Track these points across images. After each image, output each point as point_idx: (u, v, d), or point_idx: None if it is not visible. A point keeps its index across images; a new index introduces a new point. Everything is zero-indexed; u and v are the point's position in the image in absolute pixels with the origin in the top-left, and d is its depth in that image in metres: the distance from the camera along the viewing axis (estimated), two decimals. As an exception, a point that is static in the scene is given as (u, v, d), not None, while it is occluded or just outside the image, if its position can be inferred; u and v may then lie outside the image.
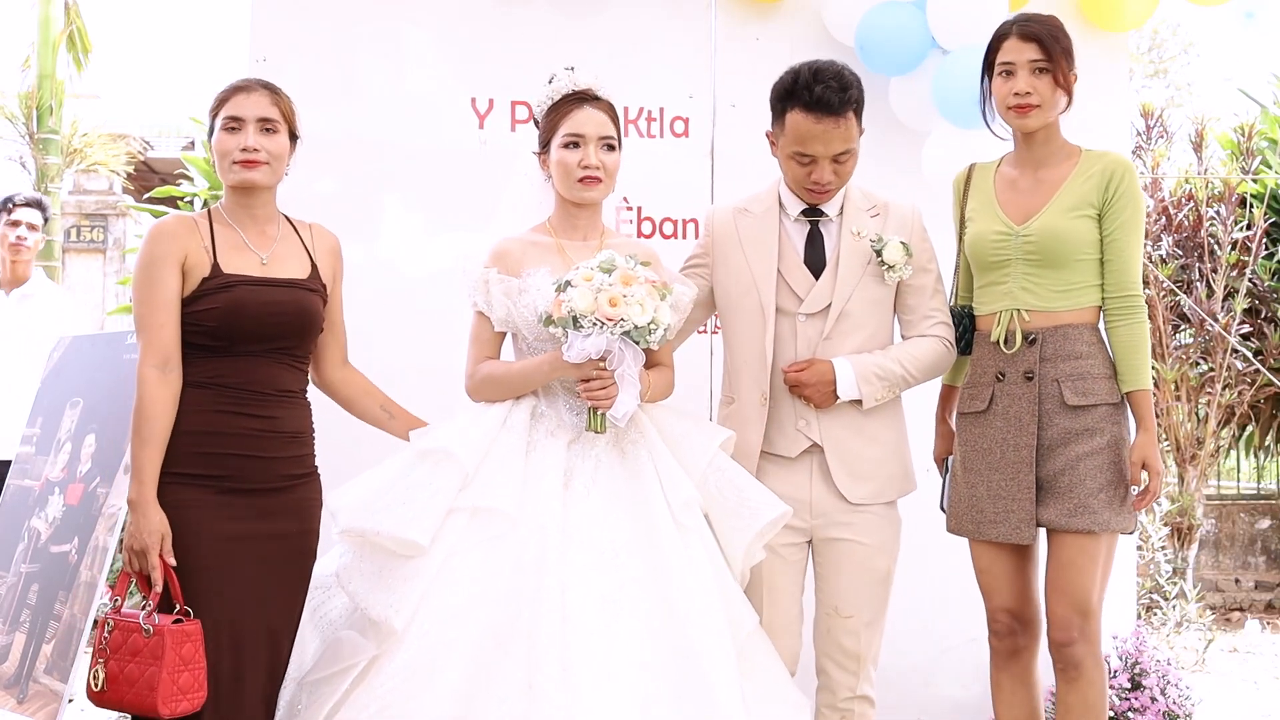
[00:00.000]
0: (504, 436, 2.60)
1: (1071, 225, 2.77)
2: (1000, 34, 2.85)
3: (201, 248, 2.59)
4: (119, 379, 3.66)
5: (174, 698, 2.40)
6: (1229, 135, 7.39)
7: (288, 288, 2.63)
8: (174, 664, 2.39)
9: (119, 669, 2.44)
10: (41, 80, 9.08)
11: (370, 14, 3.76)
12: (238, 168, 2.61)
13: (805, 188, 2.80)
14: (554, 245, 2.73)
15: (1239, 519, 7.64)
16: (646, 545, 2.51)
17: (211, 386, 2.56)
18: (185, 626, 2.43)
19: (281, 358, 2.63)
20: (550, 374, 2.62)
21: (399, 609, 2.42)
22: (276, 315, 2.59)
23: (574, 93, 2.73)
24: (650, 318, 2.52)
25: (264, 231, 2.68)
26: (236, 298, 2.56)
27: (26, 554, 3.57)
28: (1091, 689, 2.76)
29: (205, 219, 2.68)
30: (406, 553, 2.48)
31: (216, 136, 2.65)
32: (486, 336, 2.73)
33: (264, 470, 2.58)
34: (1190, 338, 6.80)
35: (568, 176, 2.69)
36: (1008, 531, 2.79)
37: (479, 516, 2.50)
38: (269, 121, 2.64)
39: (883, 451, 2.83)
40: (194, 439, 2.54)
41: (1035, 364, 2.78)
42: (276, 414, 2.61)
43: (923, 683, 3.86)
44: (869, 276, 2.81)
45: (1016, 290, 2.82)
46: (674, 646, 2.41)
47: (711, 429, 2.75)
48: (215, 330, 2.55)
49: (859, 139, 2.78)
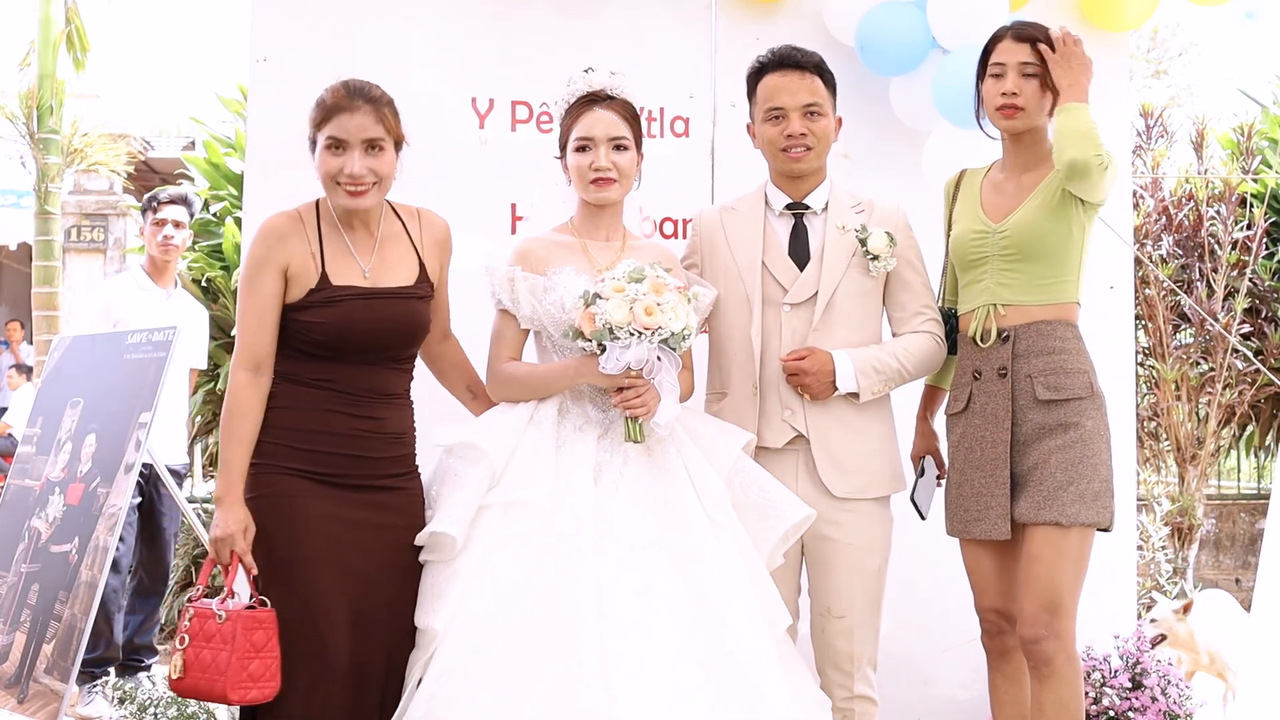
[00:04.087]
0: (532, 432, 2.61)
1: (1044, 219, 2.79)
2: (996, 36, 2.89)
3: (308, 254, 2.58)
4: (119, 379, 3.67)
5: (243, 684, 2.40)
6: (1229, 135, 7.38)
7: (395, 299, 2.62)
8: (245, 650, 2.40)
9: (195, 655, 2.46)
10: (42, 80, 9.07)
11: (370, 14, 3.76)
12: (343, 193, 2.58)
13: (781, 149, 2.84)
14: (578, 245, 2.75)
15: (1239, 519, 7.64)
16: (678, 539, 2.52)
17: (318, 387, 2.58)
18: (258, 613, 2.45)
19: (388, 364, 2.64)
20: (576, 380, 2.63)
21: (438, 610, 2.44)
22: (384, 330, 2.60)
23: (586, 95, 2.76)
24: (684, 323, 2.54)
25: (371, 232, 2.66)
26: (344, 314, 2.55)
27: (27, 554, 3.57)
28: (1065, 686, 2.74)
29: (313, 216, 2.63)
30: (440, 552, 2.50)
31: (319, 155, 2.59)
32: (510, 336, 2.74)
33: (368, 469, 2.60)
34: (1190, 338, 6.80)
35: (581, 179, 2.73)
36: (986, 528, 2.81)
37: (512, 511, 2.52)
38: (375, 141, 2.58)
39: (869, 446, 2.84)
40: (301, 435, 2.56)
41: (1009, 360, 2.80)
42: (381, 415, 2.62)
43: (923, 683, 3.86)
44: (854, 268, 2.84)
45: (993, 286, 2.85)
46: (713, 640, 2.42)
47: (734, 431, 2.76)
48: (323, 343, 2.56)
49: (831, 105, 2.88)
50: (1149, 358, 6.72)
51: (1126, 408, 4.02)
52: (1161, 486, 6.84)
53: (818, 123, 2.84)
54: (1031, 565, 2.75)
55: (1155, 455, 6.93)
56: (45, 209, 9.20)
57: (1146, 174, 6.81)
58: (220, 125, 6.93)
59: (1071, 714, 2.75)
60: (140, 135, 13.07)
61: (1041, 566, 2.73)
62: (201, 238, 6.34)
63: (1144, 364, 6.73)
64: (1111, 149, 2.76)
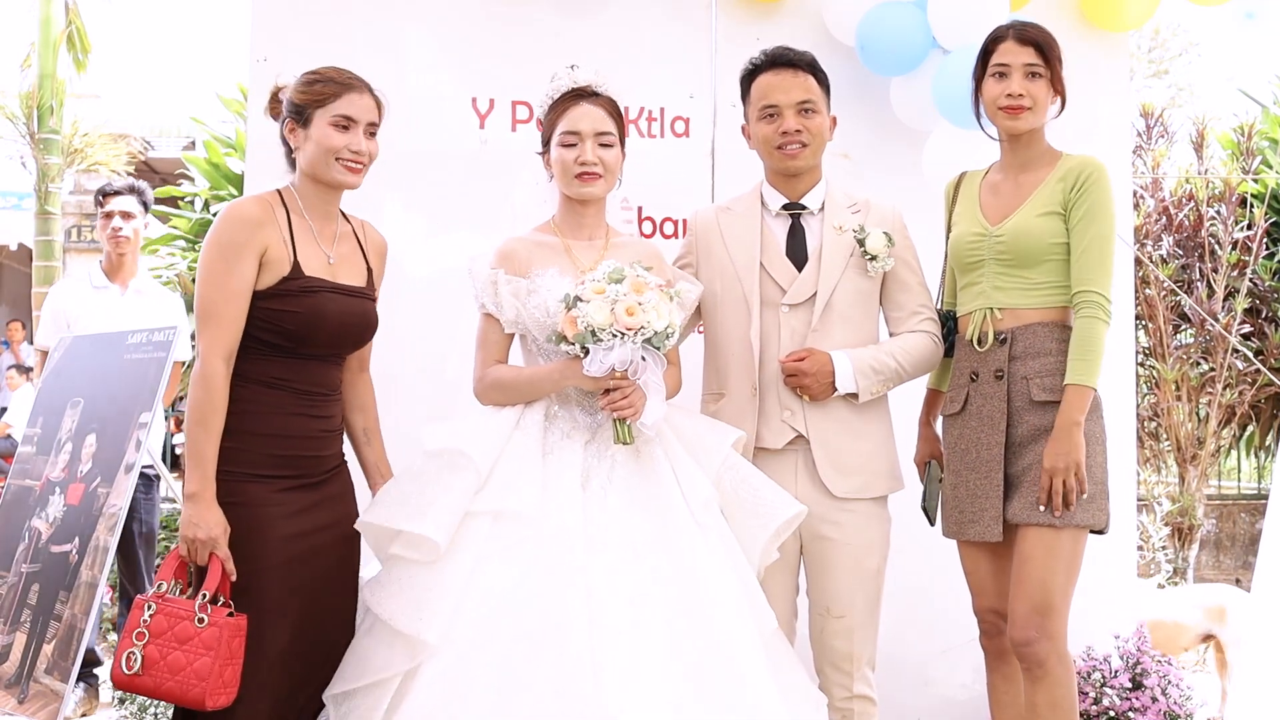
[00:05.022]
0: (519, 437, 2.59)
1: (1039, 224, 2.80)
2: (995, 37, 2.88)
3: (280, 240, 2.56)
4: (119, 379, 3.66)
5: (219, 690, 2.40)
6: (1229, 135, 7.38)
7: (355, 297, 2.65)
8: (225, 656, 2.39)
9: (160, 654, 2.41)
10: (42, 80, 9.08)
11: (370, 14, 3.76)
12: (340, 167, 2.61)
13: (776, 146, 2.85)
14: (560, 245, 2.73)
15: (1239, 519, 7.64)
16: (666, 544, 2.51)
17: (282, 388, 2.57)
18: (238, 620, 2.43)
19: (336, 360, 2.68)
20: (561, 383, 2.62)
21: (430, 622, 2.39)
22: (349, 326, 2.62)
23: (572, 90, 2.74)
24: (667, 322, 2.53)
25: (329, 226, 2.69)
26: (317, 305, 2.55)
27: (27, 554, 3.57)
28: (1058, 688, 2.73)
29: (279, 203, 2.63)
30: (425, 554, 2.47)
31: (321, 130, 2.60)
32: (495, 339, 2.73)
33: (318, 465, 2.63)
34: (1191, 338, 6.80)
35: (566, 174, 2.71)
36: (980, 530, 2.81)
37: (501, 521, 2.49)
38: (374, 126, 2.66)
39: (868, 446, 2.84)
40: (269, 440, 2.54)
41: (1005, 363, 2.80)
42: (330, 412, 2.67)
43: (923, 683, 3.86)
44: (852, 269, 2.84)
45: (990, 290, 2.85)
46: (702, 645, 2.41)
47: (724, 428, 2.74)
48: (292, 333, 2.54)
49: (825, 104, 2.88)
50: (1149, 358, 6.73)
51: (1127, 408, 4.02)
52: (1162, 486, 6.85)
53: (812, 120, 2.85)
54: (1023, 566, 2.74)
55: (1155, 455, 6.93)
56: (45, 209, 9.20)
57: (1147, 174, 6.81)
58: (220, 125, 6.93)
59: (1065, 714, 2.75)
60: (140, 135, 13.08)
61: (1033, 567, 2.72)
62: (202, 238, 6.35)
63: (1144, 364, 6.73)
64: (1111, 149, 2.76)
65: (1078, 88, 2.87)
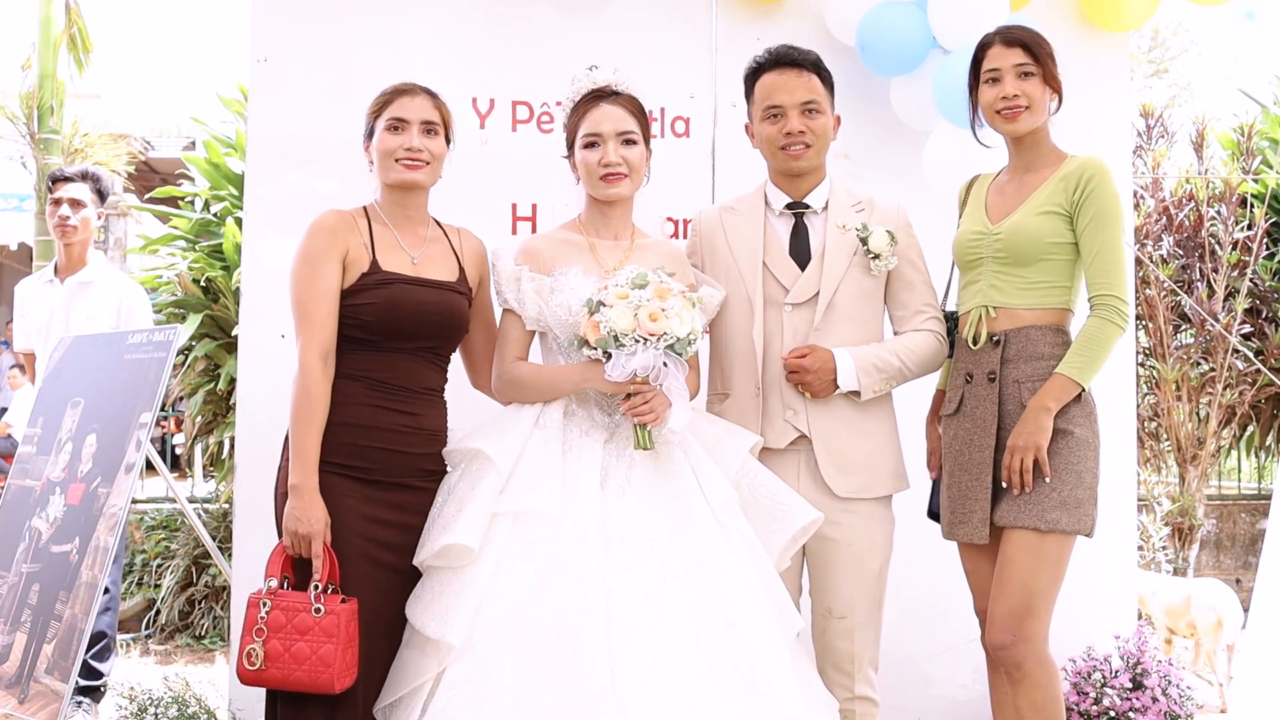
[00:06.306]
0: (539, 435, 2.60)
1: (1037, 223, 2.79)
2: (983, 44, 2.89)
3: (361, 244, 2.67)
4: (120, 379, 3.67)
5: (345, 673, 2.48)
6: (1230, 135, 7.38)
7: (438, 289, 2.70)
8: (345, 641, 2.47)
9: (283, 647, 2.49)
10: (42, 80, 9.07)
11: (370, 14, 3.76)
12: (400, 167, 2.70)
13: (780, 147, 2.85)
14: (585, 244, 2.74)
15: (1240, 519, 7.63)
16: (686, 543, 2.51)
17: (364, 380, 2.63)
18: (350, 605, 2.51)
19: (428, 356, 2.70)
20: (581, 385, 2.63)
21: (454, 624, 2.42)
22: (429, 315, 2.66)
23: (592, 91, 2.75)
24: (690, 328, 2.53)
25: (416, 232, 2.76)
26: (393, 295, 2.63)
27: (27, 554, 3.57)
28: (1038, 691, 2.72)
29: (363, 216, 2.73)
30: (458, 560, 2.49)
31: (379, 137, 2.73)
32: (516, 335, 2.73)
33: (404, 465, 2.65)
34: (1191, 338, 6.79)
35: (590, 176, 2.72)
36: (969, 531, 2.81)
37: (521, 521, 2.51)
38: (431, 124, 2.73)
39: (871, 445, 2.84)
40: (346, 430, 2.60)
41: (998, 365, 2.80)
42: (421, 411, 2.68)
43: (923, 683, 3.86)
44: (855, 268, 2.84)
45: (987, 288, 2.85)
46: (721, 643, 2.42)
47: (742, 433, 2.75)
48: (372, 325, 2.62)
49: (829, 103, 2.88)
50: (1149, 358, 6.72)
51: (1127, 408, 4.02)
52: (1162, 487, 6.84)
53: (816, 120, 2.84)
54: (1005, 569, 2.73)
55: (1156, 455, 6.92)
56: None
57: (1147, 174, 6.81)
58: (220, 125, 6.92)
59: (1049, 716, 2.73)
60: (141, 135, 13.06)
61: (1014, 570, 2.71)
62: (202, 238, 6.33)
63: (1144, 364, 6.73)
64: (1111, 149, 2.75)
65: (1078, 88, 2.87)
